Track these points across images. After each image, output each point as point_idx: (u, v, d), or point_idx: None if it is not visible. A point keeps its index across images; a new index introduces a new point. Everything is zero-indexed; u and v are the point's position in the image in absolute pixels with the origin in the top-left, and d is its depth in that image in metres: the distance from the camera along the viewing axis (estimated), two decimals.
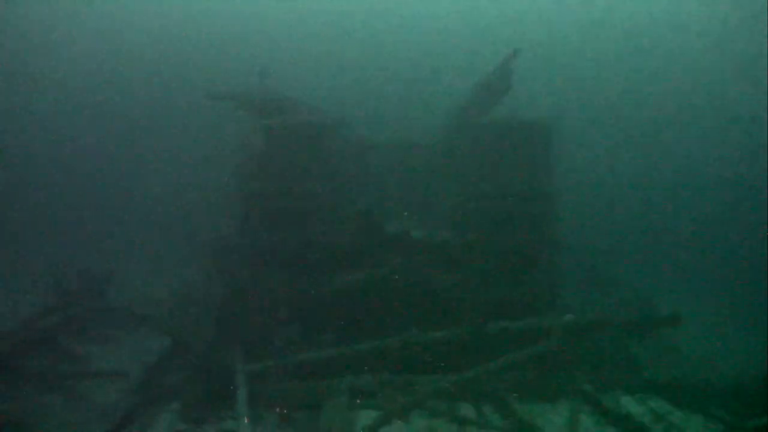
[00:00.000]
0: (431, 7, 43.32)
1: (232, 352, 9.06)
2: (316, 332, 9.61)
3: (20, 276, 17.11)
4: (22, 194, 31.54)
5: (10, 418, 7.51)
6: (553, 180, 11.21)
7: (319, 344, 9.28)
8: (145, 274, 16.52)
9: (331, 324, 9.69)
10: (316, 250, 10.02)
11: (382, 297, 9.75)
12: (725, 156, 30.93)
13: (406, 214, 11.46)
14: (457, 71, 26.34)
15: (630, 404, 7.58)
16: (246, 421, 7.34)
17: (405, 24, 43.29)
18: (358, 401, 7.81)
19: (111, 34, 42.03)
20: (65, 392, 8.38)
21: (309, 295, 9.78)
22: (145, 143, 35.86)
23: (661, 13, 38.56)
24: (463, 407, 7.81)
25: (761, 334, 11.01)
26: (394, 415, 7.16)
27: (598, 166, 29.44)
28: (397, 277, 9.76)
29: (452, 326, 9.05)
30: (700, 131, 33.83)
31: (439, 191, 12.40)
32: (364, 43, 41.37)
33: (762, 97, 31.11)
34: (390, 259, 9.90)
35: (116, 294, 11.71)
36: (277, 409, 7.82)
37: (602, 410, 7.53)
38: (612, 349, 9.61)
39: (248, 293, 9.84)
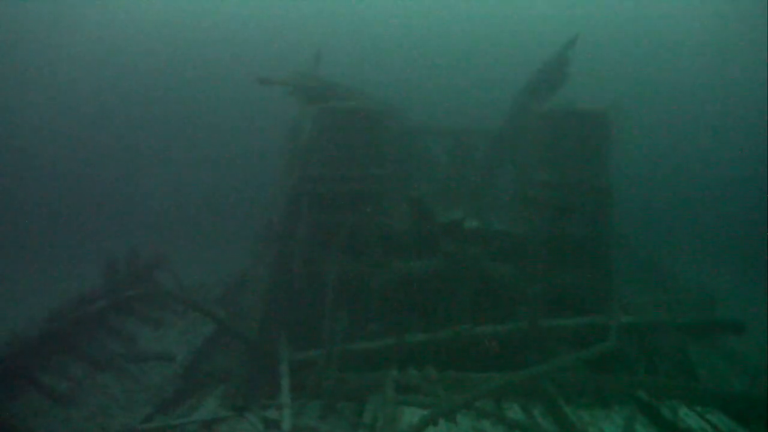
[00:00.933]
0: None
1: (279, 340, 9.04)
2: (363, 322, 9.49)
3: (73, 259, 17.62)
4: (78, 179, 32.55)
5: (62, 395, 7.65)
6: (611, 170, 10.73)
7: (366, 335, 9.16)
8: (196, 259, 16.76)
9: (378, 314, 9.55)
10: (367, 237, 9.86)
11: (432, 288, 9.55)
12: None
13: (451, 202, 11.15)
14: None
15: (689, 417, 7.12)
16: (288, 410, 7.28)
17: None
18: (404, 397, 7.61)
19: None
20: (115, 372, 8.50)
21: (357, 283, 9.64)
22: (194, 129, 36.43)
23: None
24: (512, 409, 7.53)
25: None
26: (441, 416, 6.93)
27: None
28: (447, 268, 9.53)
29: (505, 321, 8.80)
30: None
31: (494, 180, 12.08)
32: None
33: None
34: (441, 249, 9.67)
35: (166, 279, 11.83)
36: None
37: (659, 421, 7.14)
38: (670, 354, 9.13)
39: (297, 280, 9.79)
